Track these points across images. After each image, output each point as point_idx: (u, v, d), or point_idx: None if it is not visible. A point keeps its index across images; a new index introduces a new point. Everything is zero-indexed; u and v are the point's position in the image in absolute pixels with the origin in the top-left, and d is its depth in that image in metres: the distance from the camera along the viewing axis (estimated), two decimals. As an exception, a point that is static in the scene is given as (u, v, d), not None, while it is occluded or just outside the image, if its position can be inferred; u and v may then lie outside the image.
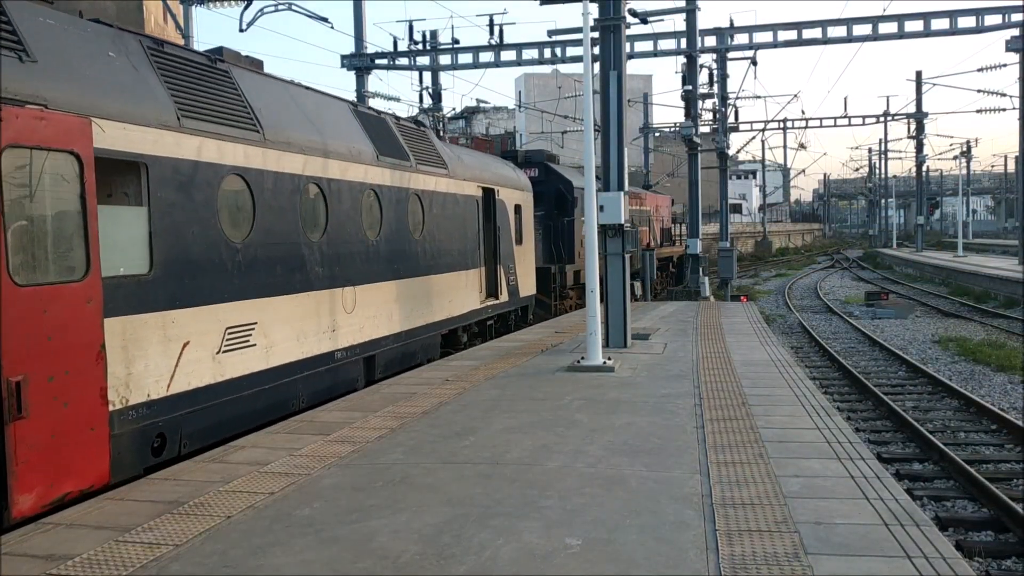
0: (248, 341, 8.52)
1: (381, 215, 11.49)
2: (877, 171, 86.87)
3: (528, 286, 18.66)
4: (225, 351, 8.15)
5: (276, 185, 9.11)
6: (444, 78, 29.79)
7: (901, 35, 26.40)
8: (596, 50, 13.80)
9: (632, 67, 19.81)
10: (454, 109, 38.81)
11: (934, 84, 50.98)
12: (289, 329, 9.27)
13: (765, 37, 27.84)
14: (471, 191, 14.99)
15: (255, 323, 8.63)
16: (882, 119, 54.77)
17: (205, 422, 7.91)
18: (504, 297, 16.74)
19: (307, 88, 10.80)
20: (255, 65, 9.84)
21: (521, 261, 17.93)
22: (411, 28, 28.33)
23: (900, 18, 26.33)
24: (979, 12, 26.00)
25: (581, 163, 13.61)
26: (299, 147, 9.63)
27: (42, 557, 5.01)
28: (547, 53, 28.29)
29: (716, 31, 28.42)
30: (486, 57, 28.52)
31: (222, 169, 8.19)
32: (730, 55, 30.19)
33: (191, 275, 7.69)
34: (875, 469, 6.46)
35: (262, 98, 9.34)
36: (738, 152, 41.75)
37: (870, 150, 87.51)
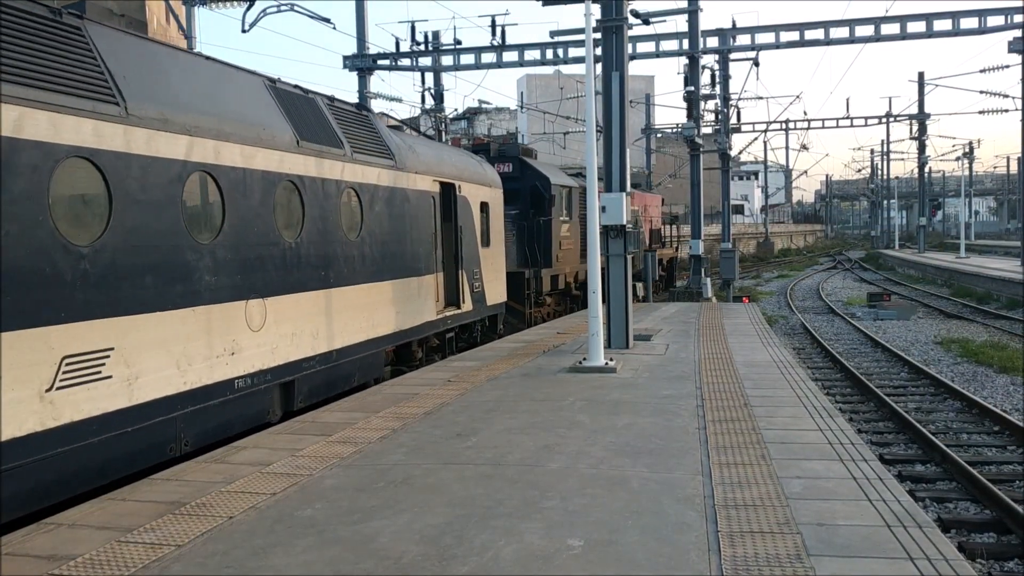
0: (99, 373, 6.66)
1: (303, 212, 9.64)
2: (879, 172, 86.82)
3: (497, 293, 16.56)
4: (61, 387, 6.28)
5: (145, 173, 7.28)
6: (446, 79, 29.83)
7: (903, 36, 26.38)
8: (598, 51, 13.80)
9: (634, 68, 19.59)
10: (456, 110, 38.82)
11: (936, 85, 50.89)
12: (164, 355, 7.38)
13: (767, 38, 27.84)
14: (425, 186, 13.03)
15: (110, 349, 6.78)
16: (884, 120, 54.76)
17: (25, 483, 5.96)
18: (467, 306, 14.74)
19: (207, 58, 8.89)
20: (141, 29, 8.39)
21: (489, 265, 15.97)
22: (413, 29, 28.37)
23: (902, 19, 26.31)
24: (982, 13, 25.98)
25: (583, 164, 13.58)
26: (182, 126, 7.76)
27: (44, 557, 5.01)
28: (549, 54, 28.28)
29: (718, 32, 28.42)
30: (488, 58, 28.53)
31: (57, 150, 6.37)
32: (732, 56, 30.17)
33: (3, 290, 5.85)
34: (877, 470, 6.46)
35: (129, 64, 7.48)
36: (740, 153, 41.74)
37: (872, 151, 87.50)
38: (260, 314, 8.70)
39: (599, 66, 13.84)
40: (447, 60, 29.00)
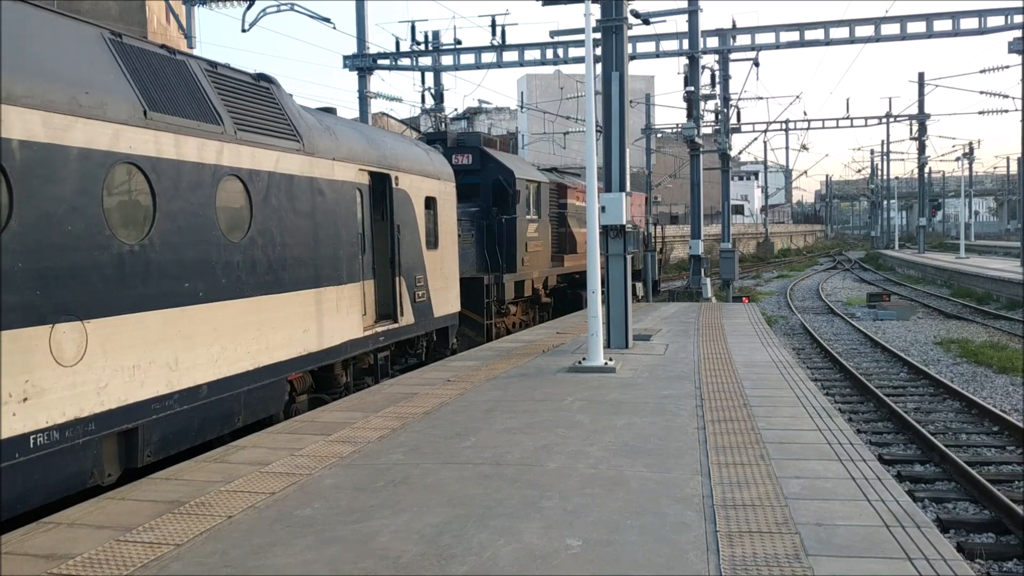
0: None
1: (154, 205, 7.36)
2: (879, 172, 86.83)
3: (448, 302, 14.24)
4: None
5: None
6: (446, 79, 29.84)
7: (903, 36, 26.39)
8: (598, 51, 13.80)
9: (634, 68, 19.29)
10: (456, 110, 38.81)
11: (936, 85, 50.88)
12: None
13: (767, 38, 27.85)
14: (348, 176, 10.83)
15: None
16: (884, 120, 54.74)
17: None
18: (407, 319, 12.41)
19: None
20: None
21: (436, 270, 13.66)
22: (413, 28, 28.38)
23: (902, 19, 26.31)
24: (982, 13, 25.98)
25: (583, 164, 13.53)
26: None
27: (43, 556, 5.02)
28: (549, 54, 28.29)
29: (718, 32, 28.43)
30: (488, 58, 28.53)
31: None
32: (732, 56, 30.17)
33: None
34: (876, 471, 6.46)
35: None
36: (740, 153, 41.74)
37: (872, 151, 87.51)
38: (76, 342, 6.42)
39: (599, 66, 13.85)
40: (447, 60, 29.00)
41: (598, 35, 13.52)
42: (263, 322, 8.80)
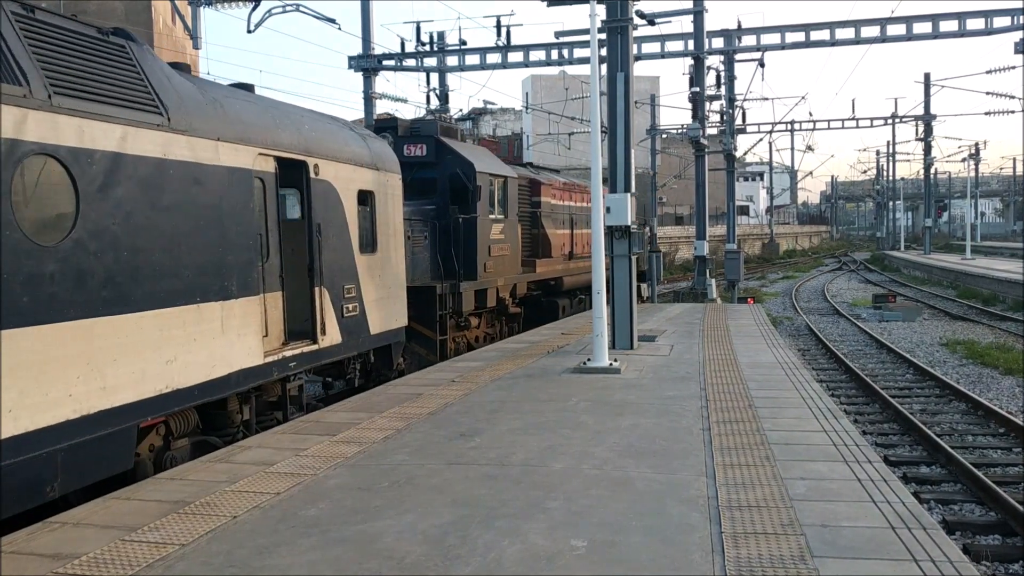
0: None
1: None
2: (885, 173, 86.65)
3: (390, 316, 11.98)
4: None
5: None
6: (451, 79, 29.82)
7: (909, 37, 26.32)
8: (603, 51, 13.80)
9: (639, 68, 18.66)
10: (461, 110, 38.89)
11: (942, 86, 50.83)
12: None
13: (773, 39, 27.80)
14: (240, 161, 8.61)
15: None
16: (890, 121, 54.60)
17: None
18: (332, 338, 10.20)
19: None
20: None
21: (374, 278, 11.44)
22: (418, 29, 28.36)
23: (908, 20, 26.25)
24: (988, 14, 25.90)
25: (587, 165, 13.40)
26: None
27: (49, 556, 5.03)
28: (554, 54, 28.28)
29: (723, 33, 28.38)
30: (493, 58, 28.52)
31: None
32: (737, 57, 30.13)
33: None
34: (882, 472, 6.45)
35: None
36: (745, 154, 41.77)
37: (878, 152, 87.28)
38: None
39: (604, 67, 13.84)
40: (452, 61, 29.00)
41: (603, 36, 13.51)
42: (97, 353, 6.56)
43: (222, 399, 8.39)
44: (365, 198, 11.42)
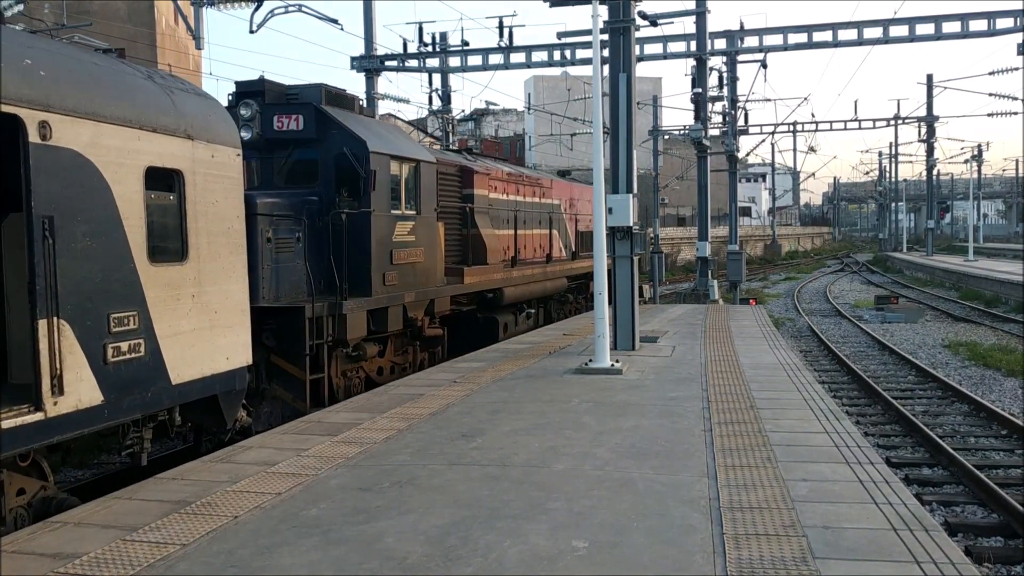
0: None
1: None
2: (887, 175, 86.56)
3: (215, 354, 8.13)
4: None
5: None
6: (453, 80, 29.77)
7: (912, 38, 26.29)
8: (606, 52, 13.79)
9: (641, 69, 18.26)
10: (463, 111, 38.88)
11: (945, 87, 50.83)
12: None
13: (775, 40, 27.76)
14: None
15: None
16: (893, 122, 54.52)
17: None
18: (82, 398, 6.47)
19: None
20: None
21: (177, 301, 7.62)
22: (421, 30, 28.35)
23: (911, 21, 26.22)
24: (991, 15, 25.87)
25: (590, 165, 13.28)
26: None
27: (49, 555, 5.03)
28: (557, 55, 28.25)
29: (726, 34, 28.36)
30: (496, 59, 28.51)
31: None
32: (740, 58, 30.10)
33: None
34: (884, 473, 6.44)
35: None
36: (748, 155, 41.71)
37: (880, 153, 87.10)
38: None
39: (606, 67, 13.84)
40: (454, 61, 28.99)
41: (606, 36, 13.50)
42: None
43: None
44: (167, 180, 7.71)
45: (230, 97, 12.04)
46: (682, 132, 50.01)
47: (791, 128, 55.66)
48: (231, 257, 8.49)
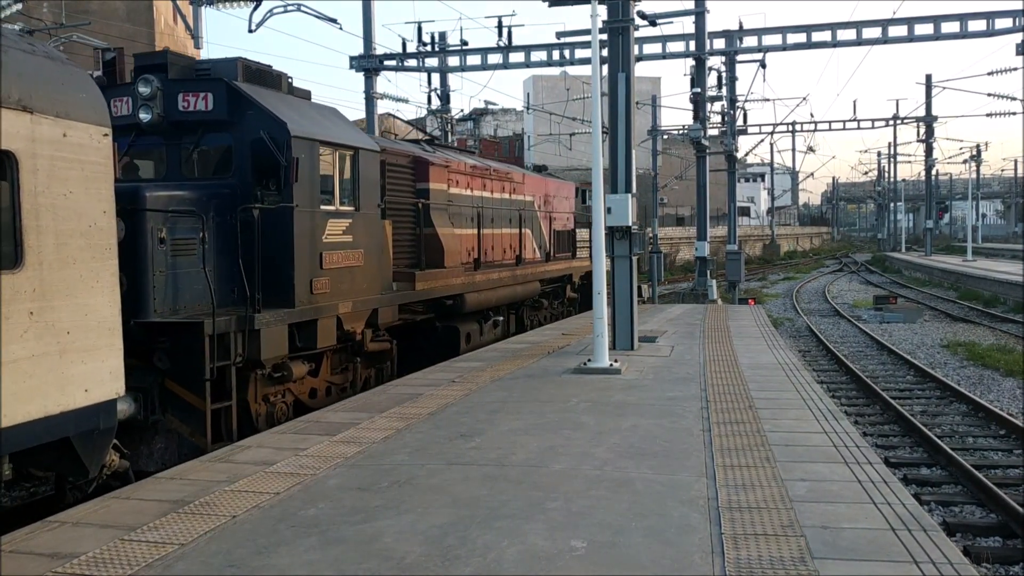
0: None
1: None
2: (886, 175, 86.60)
3: (69, 385, 6.20)
4: None
5: None
6: (452, 79, 29.79)
7: (911, 38, 26.32)
8: (605, 52, 13.79)
9: (640, 69, 17.98)
10: (462, 111, 38.88)
11: (944, 87, 50.87)
12: None
13: (774, 40, 27.78)
14: None
15: None
16: (891, 122, 54.59)
17: None
18: None
19: None
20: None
21: (6, 321, 5.64)
22: (420, 30, 28.33)
23: (910, 21, 26.24)
24: (989, 15, 25.89)
25: (589, 165, 13.27)
26: None
27: (47, 555, 5.02)
28: (556, 55, 28.27)
29: (725, 34, 28.38)
30: (495, 59, 28.51)
31: None
32: (739, 58, 30.11)
33: None
34: (882, 474, 6.44)
35: None
36: (747, 155, 41.73)
37: (879, 153, 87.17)
38: None
39: (605, 67, 13.83)
40: (453, 61, 28.99)
41: (604, 36, 13.50)
42: None
43: None
44: None
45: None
46: (681, 132, 50.05)
47: (790, 128, 55.70)
48: (93, 263, 6.55)
